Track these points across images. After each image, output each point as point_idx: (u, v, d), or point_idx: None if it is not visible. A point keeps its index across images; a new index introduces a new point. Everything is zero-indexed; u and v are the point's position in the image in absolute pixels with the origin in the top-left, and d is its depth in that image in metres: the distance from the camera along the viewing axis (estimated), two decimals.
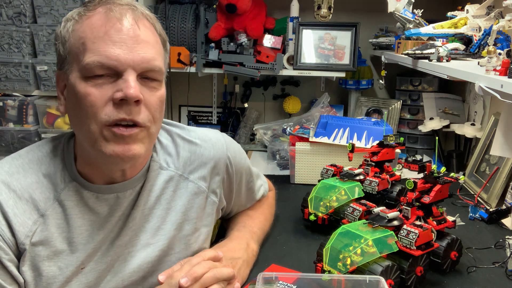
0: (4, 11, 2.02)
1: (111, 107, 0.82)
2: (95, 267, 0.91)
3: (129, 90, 0.81)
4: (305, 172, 1.78)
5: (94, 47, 0.81)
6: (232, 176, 1.12)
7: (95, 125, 0.82)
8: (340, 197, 1.31)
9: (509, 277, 1.11)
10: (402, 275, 1.01)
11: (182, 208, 1.00)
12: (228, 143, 1.11)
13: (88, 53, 0.81)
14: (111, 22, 0.83)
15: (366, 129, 1.73)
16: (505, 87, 1.01)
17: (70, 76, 0.84)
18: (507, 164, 1.57)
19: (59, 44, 0.87)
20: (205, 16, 2.16)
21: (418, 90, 2.32)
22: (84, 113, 0.82)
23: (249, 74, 2.09)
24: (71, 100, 0.85)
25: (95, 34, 0.82)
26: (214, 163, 1.06)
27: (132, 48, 0.83)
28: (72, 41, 0.84)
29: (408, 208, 1.10)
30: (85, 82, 0.82)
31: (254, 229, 1.19)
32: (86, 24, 0.84)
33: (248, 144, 2.43)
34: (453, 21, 1.59)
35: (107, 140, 0.83)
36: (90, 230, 0.90)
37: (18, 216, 0.85)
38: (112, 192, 0.92)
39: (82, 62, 0.82)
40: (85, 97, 0.82)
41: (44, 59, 2.05)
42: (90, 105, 0.82)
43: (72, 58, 0.84)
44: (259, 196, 1.28)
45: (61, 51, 0.86)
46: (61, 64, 0.87)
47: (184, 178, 1.02)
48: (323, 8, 2.13)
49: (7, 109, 2.13)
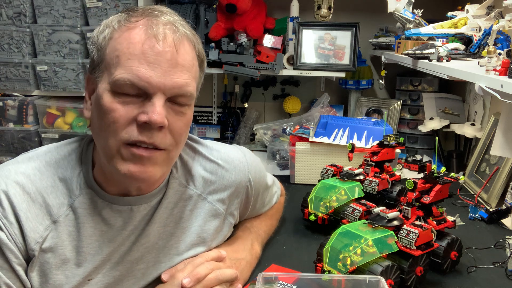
0: (4, 11, 2.02)
1: (133, 127, 0.80)
2: (102, 280, 0.89)
3: (153, 116, 0.78)
4: (305, 172, 1.78)
5: (128, 64, 0.79)
6: (251, 197, 1.10)
7: (114, 141, 0.80)
8: (340, 197, 1.31)
9: (509, 277, 1.11)
10: (402, 275, 1.01)
11: (197, 229, 0.98)
12: (249, 163, 1.08)
13: (120, 69, 0.79)
14: (150, 41, 0.79)
15: (366, 129, 1.73)
16: (505, 87, 1.01)
17: (100, 85, 0.82)
18: (507, 164, 1.57)
19: (94, 48, 0.84)
20: (205, 16, 2.16)
21: (418, 90, 2.32)
22: (105, 126, 0.80)
23: (249, 74, 2.09)
24: (96, 109, 0.83)
25: (131, 50, 0.79)
26: (236, 187, 1.04)
27: (166, 71, 0.80)
28: (107, 51, 0.82)
29: (408, 208, 1.10)
30: (112, 96, 0.80)
31: (260, 231, 1.19)
32: (125, 36, 0.81)
33: (248, 144, 2.43)
34: (453, 21, 1.59)
35: (123, 159, 0.81)
36: (100, 241, 0.88)
37: (30, 220, 0.82)
38: (126, 204, 0.89)
39: (114, 76, 0.79)
40: (110, 112, 0.79)
41: (44, 59, 2.05)
42: (113, 121, 0.79)
43: (105, 67, 0.82)
44: (272, 203, 1.27)
45: (94, 56, 0.84)
46: (93, 69, 0.85)
47: (203, 198, 1.00)
48: (323, 8, 2.13)
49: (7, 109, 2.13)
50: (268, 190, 1.22)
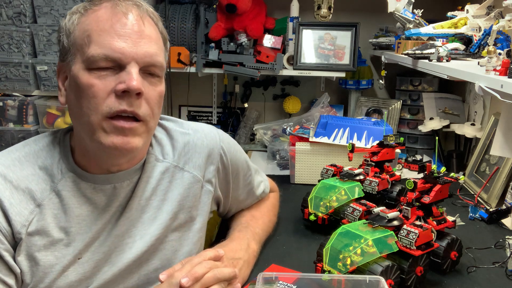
0: (4, 11, 2.02)
1: (113, 99, 0.84)
2: (92, 257, 0.92)
3: (131, 82, 0.83)
4: (305, 172, 1.78)
5: (100, 40, 0.84)
6: (228, 167, 1.13)
7: (96, 117, 0.84)
8: (340, 197, 1.31)
9: (509, 277, 1.11)
10: (402, 275, 1.01)
11: (177, 197, 1.02)
12: (221, 134, 1.13)
13: (93, 45, 0.84)
14: (117, 16, 0.86)
15: (366, 129, 1.73)
16: (505, 87, 1.01)
17: (73, 67, 0.86)
18: (507, 164, 1.57)
19: (63, 36, 0.89)
20: (205, 16, 2.16)
21: (418, 90, 2.32)
22: (85, 103, 0.84)
23: (249, 74, 2.09)
24: (73, 91, 0.87)
25: (100, 27, 0.85)
26: (208, 151, 1.08)
27: (136, 42, 0.85)
28: (77, 34, 0.87)
29: (408, 208, 1.10)
30: (88, 73, 0.84)
31: (256, 229, 1.19)
32: (92, 17, 0.86)
33: (248, 144, 2.43)
34: (453, 21, 1.59)
35: (106, 132, 0.85)
36: (87, 220, 0.92)
37: (15, 206, 0.86)
38: (109, 183, 0.94)
39: (87, 53, 0.84)
40: (88, 88, 0.84)
41: (44, 59, 2.05)
42: (92, 96, 0.83)
43: (76, 49, 0.86)
44: (259, 192, 1.27)
45: (64, 43, 0.88)
46: (64, 56, 0.89)
47: (180, 169, 1.04)
48: (323, 8, 2.13)
49: (7, 109, 2.13)
50: (251, 171, 1.23)
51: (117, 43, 0.84)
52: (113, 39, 0.84)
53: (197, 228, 1.06)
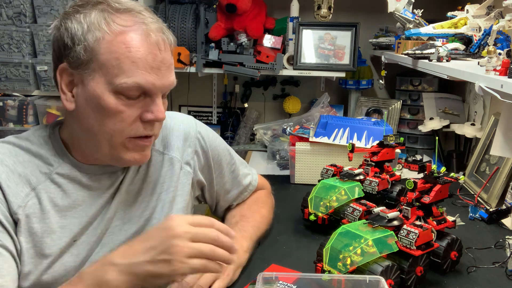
0: (4, 11, 2.02)
1: (138, 124, 0.90)
2: (86, 240, 0.95)
3: (160, 115, 0.90)
4: (305, 172, 1.78)
5: (132, 69, 0.86)
6: (207, 151, 1.16)
7: (119, 138, 0.90)
8: (340, 197, 1.31)
9: (509, 277, 1.11)
10: (402, 275, 1.01)
11: (159, 179, 1.07)
12: (197, 122, 1.18)
13: (125, 73, 0.86)
14: (149, 47, 0.87)
15: (366, 129, 1.73)
16: (505, 87, 1.01)
17: (92, 83, 0.87)
18: (507, 164, 1.57)
19: (79, 46, 0.86)
20: (205, 16, 2.16)
21: (418, 90, 2.32)
22: (110, 125, 0.88)
23: (249, 74, 2.09)
24: (93, 107, 0.88)
25: (132, 56, 0.86)
26: (185, 135, 1.12)
27: (164, 75, 0.90)
28: (102, 52, 0.86)
29: (408, 208, 1.10)
30: (115, 97, 0.87)
31: (245, 227, 1.19)
32: (121, 40, 0.86)
33: (248, 144, 2.43)
34: (453, 21, 1.59)
35: (127, 149, 0.92)
36: (83, 205, 0.95)
37: (11, 188, 0.88)
38: (104, 173, 0.98)
39: (118, 80, 0.86)
40: (116, 113, 0.88)
41: (44, 59, 2.05)
42: (119, 121, 0.88)
43: (98, 67, 0.86)
44: (246, 182, 1.28)
45: (81, 54, 0.86)
46: (77, 64, 0.88)
47: (160, 153, 1.09)
48: (323, 8, 2.13)
49: (7, 109, 2.13)
50: (234, 160, 1.25)
51: (149, 76, 0.87)
52: (146, 71, 0.87)
53: (179, 208, 1.09)
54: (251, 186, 1.31)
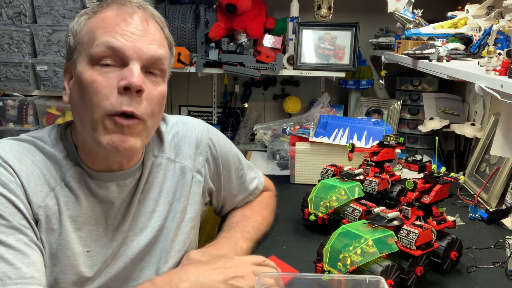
0: (4, 11, 2.02)
1: (115, 96, 0.85)
2: (100, 252, 0.94)
3: (132, 79, 0.84)
4: (305, 172, 1.78)
5: (103, 35, 0.86)
6: (218, 158, 1.15)
7: (98, 113, 0.85)
8: (340, 197, 1.31)
9: (509, 277, 1.11)
10: (402, 275, 1.01)
11: (172, 188, 1.05)
12: (209, 127, 1.17)
13: (96, 41, 0.86)
14: (122, 15, 0.89)
15: (366, 129, 1.73)
16: (505, 87, 1.01)
17: (78, 65, 0.88)
18: (507, 164, 1.57)
19: (70, 36, 0.91)
20: (205, 16, 2.16)
21: (418, 90, 2.32)
22: (88, 100, 0.85)
23: (249, 74, 2.09)
24: (76, 88, 0.89)
25: (105, 25, 0.87)
26: (196, 142, 1.11)
27: (139, 38, 0.88)
28: (83, 33, 0.89)
29: (408, 208, 1.10)
30: (91, 69, 0.86)
31: (246, 228, 1.19)
32: (99, 17, 0.89)
33: (248, 144, 2.43)
34: (453, 21, 1.59)
35: (106, 129, 0.86)
36: (93, 212, 0.94)
37: (31, 187, 0.86)
38: (112, 181, 0.95)
39: (91, 49, 0.86)
40: (91, 84, 0.85)
41: (44, 59, 2.05)
42: (95, 92, 0.85)
43: (81, 47, 0.89)
44: (251, 187, 1.28)
45: (71, 43, 0.91)
46: (70, 55, 0.91)
47: (172, 161, 1.07)
48: (323, 8, 2.13)
49: (7, 109, 2.13)
50: (242, 165, 1.24)
51: (120, 38, 0.86)
52: (116, 35, 0.86)
53: (189, 217, 1.09)
54: (257, 190, 1.31)
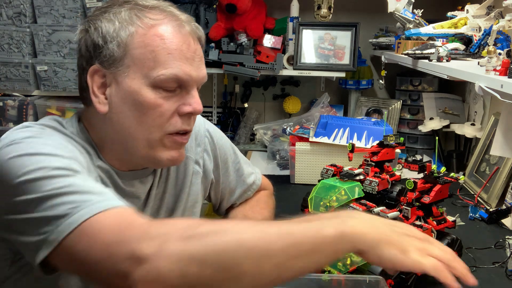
0: (4, 11, 2.02)
1: (177, 118, 0.88)
2: None
3: (198, 106, 0.89)
4: (305, 172, 1.78)
5: (169, 61, 0.85)
6: (215, 150, 1.15)
7: (158, 133, 0.87)
8: (340, 197, 1.31)
9: (509, 277, 1.11)
10: (402, 275, 1.01)
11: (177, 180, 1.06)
12: (205, 119, 1.17)
13: (162, 65, 0.85)
14: (183, 38, 0.88)
15: (366, 129, 1.73)
16: (505, 87, 1.01)
17: (128, 80, 0.86)
18: (507, 164, 1.57)
19: (113, 43, 0.85)
20: (205, 16, 2.16)
21: (418, 90, 2.32)
22: (149, 121, 0.87)
23: (249, 74, 2.09)
24: (128, 105, 0.86)
25: (167, 47, 0.86)
26: (195, 133, 1.10)
27: (198, 65, 0.90)
28: (136, 46, 0.85)
29: (408, 208, 1.10)
30: (153, 91, 0.86)
31: None
32: (154, 33, 0.86)
33: (248, 144, 2.43)
34: (453, 21, 1.59)
35: (166, 147, 0.89)
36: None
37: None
38: (136, 178, 0.96)
39: (155, 73, 0.85)
40: (155, 107, 0.86)
41: (44, 59, 2.05)
42: (158, 116, 0.86)
43: (134, 63, 0.85)
44: (250, 181, 1.26)
45: (115, 51, 0.85)
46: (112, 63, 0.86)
47: None
48: (323, 8, 2.13)
49: (7, 109, 2.13)
50: (239, 159, 1.23)
51: (186, 66, 0.87)
52: (181, 62, 0.86)
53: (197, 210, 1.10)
54: (255, 185, 1.30)
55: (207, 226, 0.66)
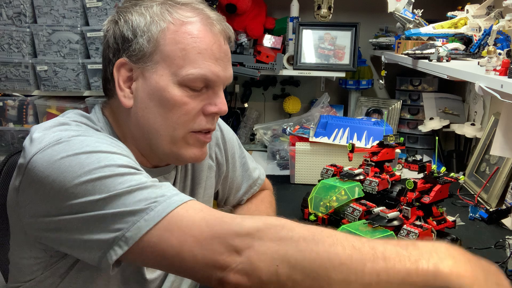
0: (4, 11, 2.02)
1: (201, 117, 0.88)
2: None
3: (223, 107, 0.89)
4: (305, 172, 1.78)
5: (199, 60, 0.85)
6: (225, 144, 1.15)
7: (182, 131, 0.87)
8: (340, 197, 1.31)
9: (509, 277, 1.11)
10: None
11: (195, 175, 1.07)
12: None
13: (191, 64, 0.85)
14: (214, 37, 0.87)
15: (366, 129, 1.74)
16: (505, 87, 1.01)
17: (156, 76, 0.85)
18: (507, 164, 1.57)
19: (143, 38, 0.84)
20: None
21: (418, 90, 2.32)
22: (174, 118, 0.86)
23: (249, 74, 2.09)
24: (155, 101, 0.85)
25: (197, 46, 0.85)
26: None
27: (226, 66, 0.90)
28: (167, 42, 0.84)
29: (408, 208, 1.10)
30: (180, 89, 0.85)
31: None
32: (185, 31, 0.85)
33: (248, 144, 2.43)
34: (453, 21, 1.59)
35: (189, 144, 0.89)
36: None
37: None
38: (161, 174, 0.96)
39: (184, 71, 0.84)
40: (181, 105, 0.85)
41: (44, 59, 2.05)
42: (184, 114, 0.86)
43: (164, 59, 0.85)
44: (255, 176, 1.27)
45: (145, 46, 0.84)
46: (140, 58, 0.85)
47: None
48: (323, 8, 2.13)
49: (7, 109, 2.13)
50: (244, 154, 1.24)
51: (215, 66, 0.86)
52: (211, 62, 0.86)
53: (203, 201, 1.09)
54: (260, 180, 1.29)
55: (298, 230, 0.67)
